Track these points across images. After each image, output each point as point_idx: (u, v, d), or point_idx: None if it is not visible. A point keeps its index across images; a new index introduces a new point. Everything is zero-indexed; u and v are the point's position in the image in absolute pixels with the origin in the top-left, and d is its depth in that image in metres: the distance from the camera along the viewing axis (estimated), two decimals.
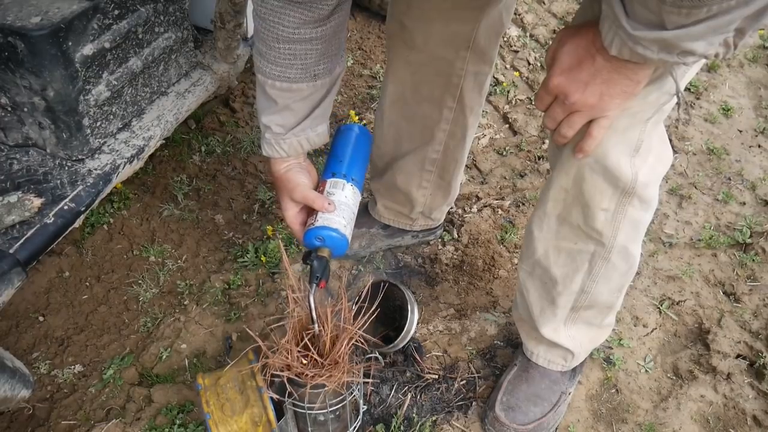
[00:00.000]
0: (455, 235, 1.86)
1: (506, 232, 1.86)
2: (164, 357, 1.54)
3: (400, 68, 1.41)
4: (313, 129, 1.20)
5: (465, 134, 1.52)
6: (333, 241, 1.18)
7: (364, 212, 1.78)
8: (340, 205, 1.20)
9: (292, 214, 1.22)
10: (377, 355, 1.47)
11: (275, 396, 1.21)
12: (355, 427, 1.33)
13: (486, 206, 1.95)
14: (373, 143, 1.58)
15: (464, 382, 1.51)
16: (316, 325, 1.13)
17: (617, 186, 1.07)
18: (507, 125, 2.29)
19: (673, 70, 0.92)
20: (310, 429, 1.25)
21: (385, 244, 1.77)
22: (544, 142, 2.20)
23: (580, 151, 1.01)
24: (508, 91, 2.39)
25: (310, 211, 1.22)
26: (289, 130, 1.17)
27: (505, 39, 2.62)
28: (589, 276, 1.23)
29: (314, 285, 1.13)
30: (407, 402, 1.45)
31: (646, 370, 1.57)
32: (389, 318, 1.49)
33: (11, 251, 1.13)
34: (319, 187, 1.24)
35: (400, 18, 1.33)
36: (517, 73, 2.49)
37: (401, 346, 1.48)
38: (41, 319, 1.61)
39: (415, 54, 1.36)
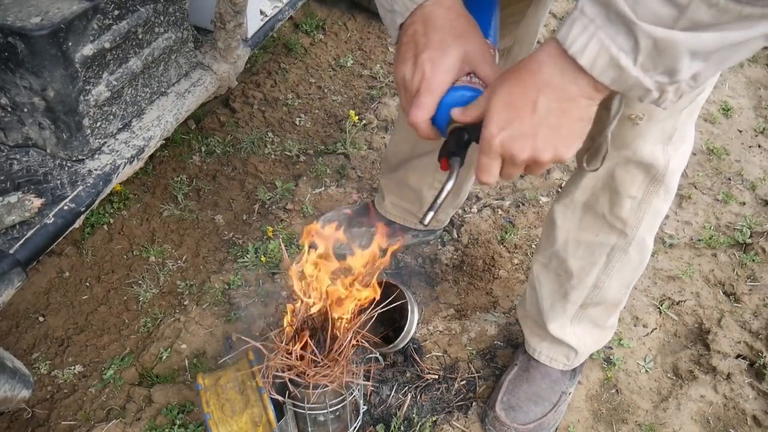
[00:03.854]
0: (455, 235, 1.86)
1: (506, 232, 1.86)
2: (164, 357, 1.54)
3: None
4: None
5: None
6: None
7: (365, 210, 1.78)
8: None
9: (450, 65, 0.82)
10: (377, 355, 1.47)
11: (278, 397, 1.21)
12: (355, 427, 1.33)
13: (486, 206, 1.95)
14: (391, 141, 1.59)
15: (464, 382, 1.51)
16: (430, 215, 0.85)
17: (648, 172, 1.09)
18: None
19: (621, 104, 0.82)
20: (310, 429, 1.25)
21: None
22: None
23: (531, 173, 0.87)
24: None
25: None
26: None
27: None
28: (605, 270, 1.26)
29: (459, 159, 0.84)
30: (407, 402, 1.45)
31: (646, 370, 1.57)
32: (389, 318, 1.49)
33: (11, 251, 1.13)
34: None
35: None
36: None
37: (401, 346, 1.48)
38: (41, 319, 1.61)
39: None
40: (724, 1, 0.60)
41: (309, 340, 1.15)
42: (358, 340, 1.18)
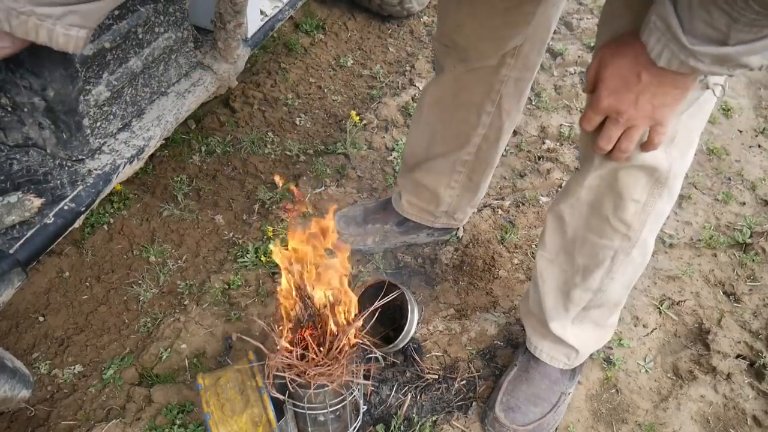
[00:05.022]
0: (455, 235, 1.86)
1: (506, 232, 1.86)
2: (164, 357, 1.54)
3: (447, 74, 1.42)
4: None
5: (499, 138, 1.52)
6: None
7: (382, 207, 1.78)
8: None
9: None
10: (378, 355, 1.47)
11: (278, 395, 1.21)
12: (355, 427, 1.33)
13: (486, 206, 1.95)
14: (407, 141, 1.62)
15: (464, 382, 1.51)
16: None
17: (652, 175, 1.09)
18: None
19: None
20: (310, 429, 1.25)
21: (400, 240, 1.78)
22: (544, 143, 2.19)
23: (646, 150, 1.03)
24: None
25: None
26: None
27: None
28: (609, 274, 1.26)
29: None
30: (407, 402, 1.45)
31: (646, 370, 1.57)
32: (389, 318, 1.49)
33: (11, 251, 1.13)
34: None
35: (451, 36, 1.35)
36: None
37: (401, 346, 1.48)
38: (41, 319, 1.61)
39: (464, 64, 1.37)
40: (763, 20, 0.71)
41: (309, 340, 1.15)
42: (358, 340, 1.18)
